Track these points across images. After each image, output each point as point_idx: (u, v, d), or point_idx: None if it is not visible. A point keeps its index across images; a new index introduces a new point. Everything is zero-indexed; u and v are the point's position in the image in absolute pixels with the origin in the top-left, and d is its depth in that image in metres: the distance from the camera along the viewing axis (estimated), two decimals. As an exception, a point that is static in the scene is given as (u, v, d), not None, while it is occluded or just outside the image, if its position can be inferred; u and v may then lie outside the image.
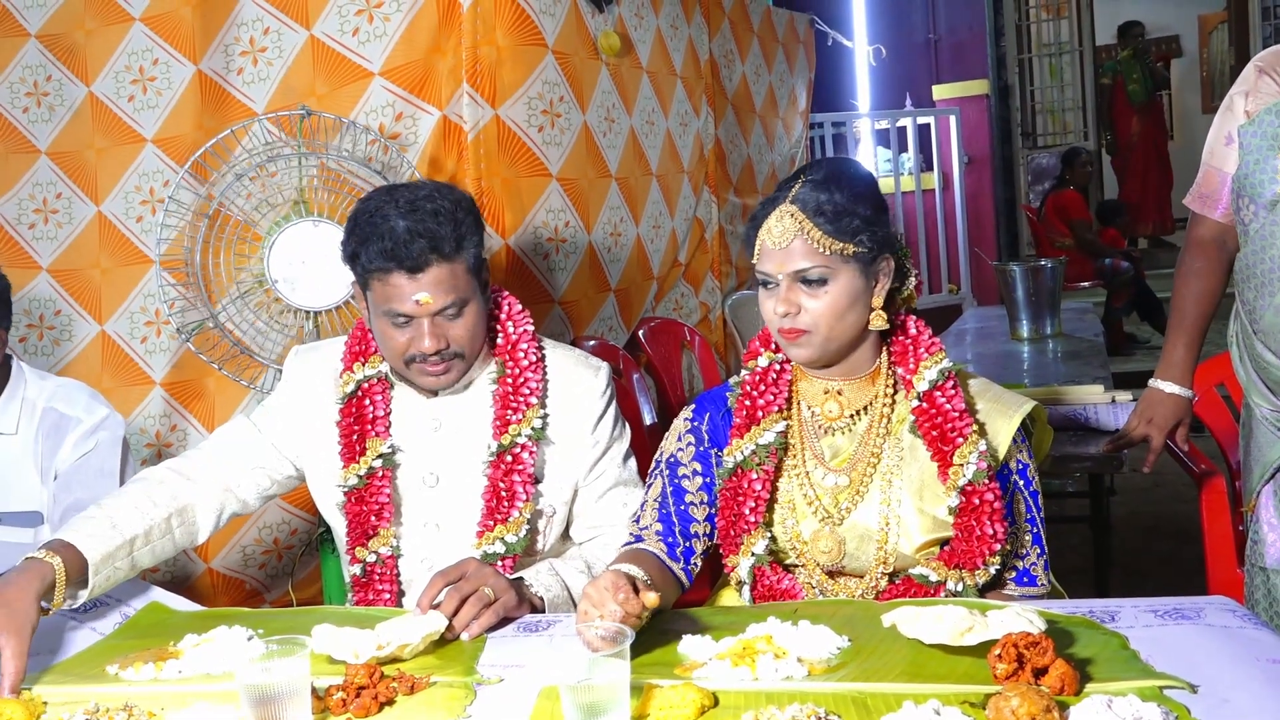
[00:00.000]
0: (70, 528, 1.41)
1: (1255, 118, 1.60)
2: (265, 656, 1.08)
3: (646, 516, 1.47)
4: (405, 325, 1.48)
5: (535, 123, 2.64)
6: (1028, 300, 3.48)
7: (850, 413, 1.43)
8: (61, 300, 2.76)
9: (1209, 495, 1.99)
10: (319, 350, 1.67)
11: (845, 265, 1.35)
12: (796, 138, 4.54)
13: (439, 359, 1.49)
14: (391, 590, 1.54)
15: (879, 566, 1.40)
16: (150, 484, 1.54)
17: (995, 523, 1.33)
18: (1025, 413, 1.41)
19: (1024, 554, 1.42)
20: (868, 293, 1.38)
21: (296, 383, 1.65)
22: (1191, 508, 2.19)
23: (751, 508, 1.41)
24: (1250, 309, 1.67)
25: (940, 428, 1.37)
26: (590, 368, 1.63)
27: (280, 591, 2.69)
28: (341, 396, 1.57)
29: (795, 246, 1.34)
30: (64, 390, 1.87)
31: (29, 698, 1.19)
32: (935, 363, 1.40)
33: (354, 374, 1.58)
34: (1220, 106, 1.70)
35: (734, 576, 1.43)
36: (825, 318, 1.35)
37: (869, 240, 1.36)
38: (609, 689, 1.01)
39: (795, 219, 1.34)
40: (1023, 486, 1.42)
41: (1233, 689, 1.02)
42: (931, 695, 1.03)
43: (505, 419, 1.53)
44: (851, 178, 1.40)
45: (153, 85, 2.67)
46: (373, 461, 1.54)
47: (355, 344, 1.60)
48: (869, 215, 1.36)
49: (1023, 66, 7.58)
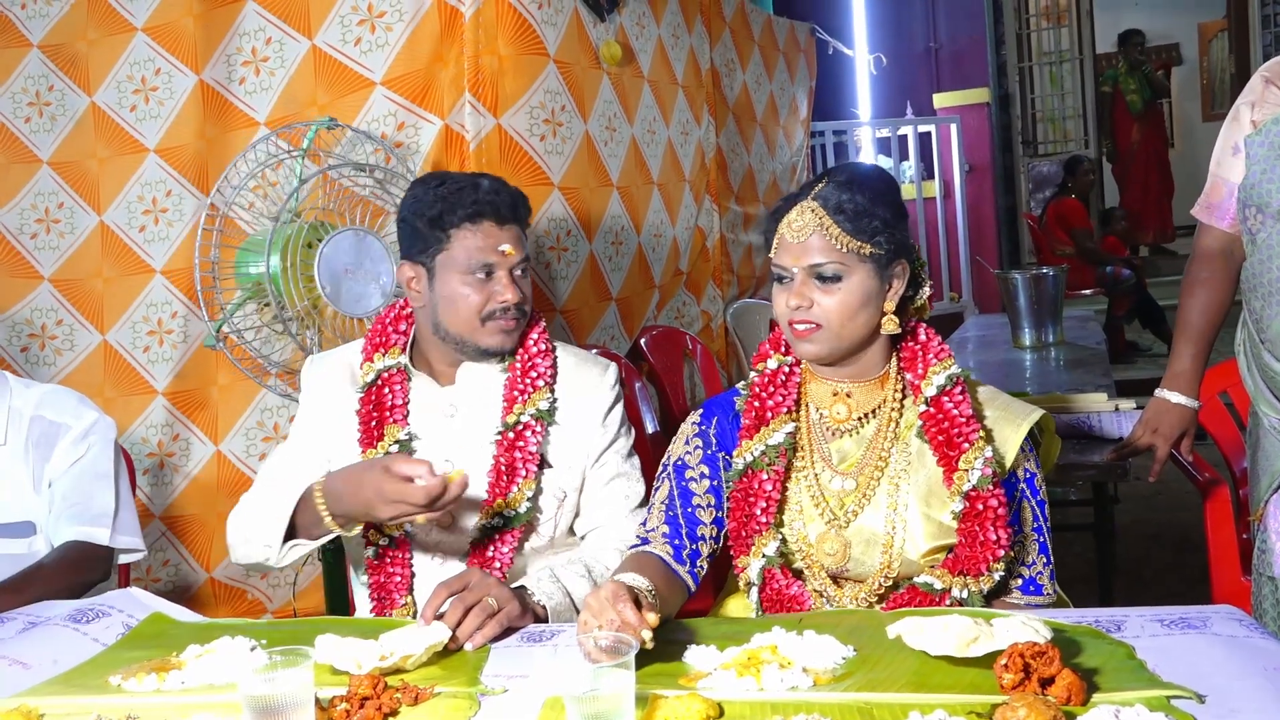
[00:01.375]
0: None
1: (1262, 127, 1.60)
2: (268, 667, 1.08)
3: (653, 519, 1.48)
4: (485, 280, 1.55)
5: (537, 132, 2.64)
6: (1030, 308, 3.48)
7: (858, 416, 1.43)
8: (63, 310, 2.76)
9: (1213, 504, 1.99)
10: (332, 355, 1.71)
11: (861, 264, 1.36)
12: (798, 146, 4.54)
13: (514, 313, 1.57)
14: (404, 573, 1.58)
15: (883, 571, 1.39)
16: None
17: (999, 529, 1.33)
18: (1034, 421, 1.41)
19: (1030, 563, 1.41)
20: (880, 294, 1.39)
21: (316, 388, 1.69)
22: (1195, 516, 2.18)
23: (763, 508, 1.41)
24: (1257, 318, 1.66)
25: (947, 433, 1.37)
26: (599, 365, 1.70)
27: (282, 602, 2.69)
28: (362, 385, 1.63)
29: (813, 242, 1.36)
30: (50, 396, 1.84)
31: (26, 709, 1.18)
32: (944, 368, 1.40)
33: (374, 364, 1.63)
34: (1227, 117, 1.70)
35: (744, 577, 1.43)
36: (837, 314, 1.36)
37: (886, 242, 1.37)
38: (614, 699, 1.01)
39: (815, 214, 1.36)
40: (1030, 495, 1.42)
41: (1241, 699, 1.02)
42: (938, 706, 1.03)
43: (513, 399, 1.60)
44: (875, 181, 1.41)
45: (155, 95, 2.68)
46: (390, 446, 1.58)
47: (376, 336, 1.66)
48: (888, 218, 1.37)
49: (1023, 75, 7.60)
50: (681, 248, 3.43)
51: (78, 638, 1.41)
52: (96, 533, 1.76)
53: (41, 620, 1.48)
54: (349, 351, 1.70)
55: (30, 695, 1.23)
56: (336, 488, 1.43)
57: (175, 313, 2.67)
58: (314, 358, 1.71)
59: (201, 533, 2.69)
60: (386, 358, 1.62)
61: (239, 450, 2.65)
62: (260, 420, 2.64)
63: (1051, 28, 7.97)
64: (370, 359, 1.63)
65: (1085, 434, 2.20)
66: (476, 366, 1.63)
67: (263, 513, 1.52)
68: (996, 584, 1.36)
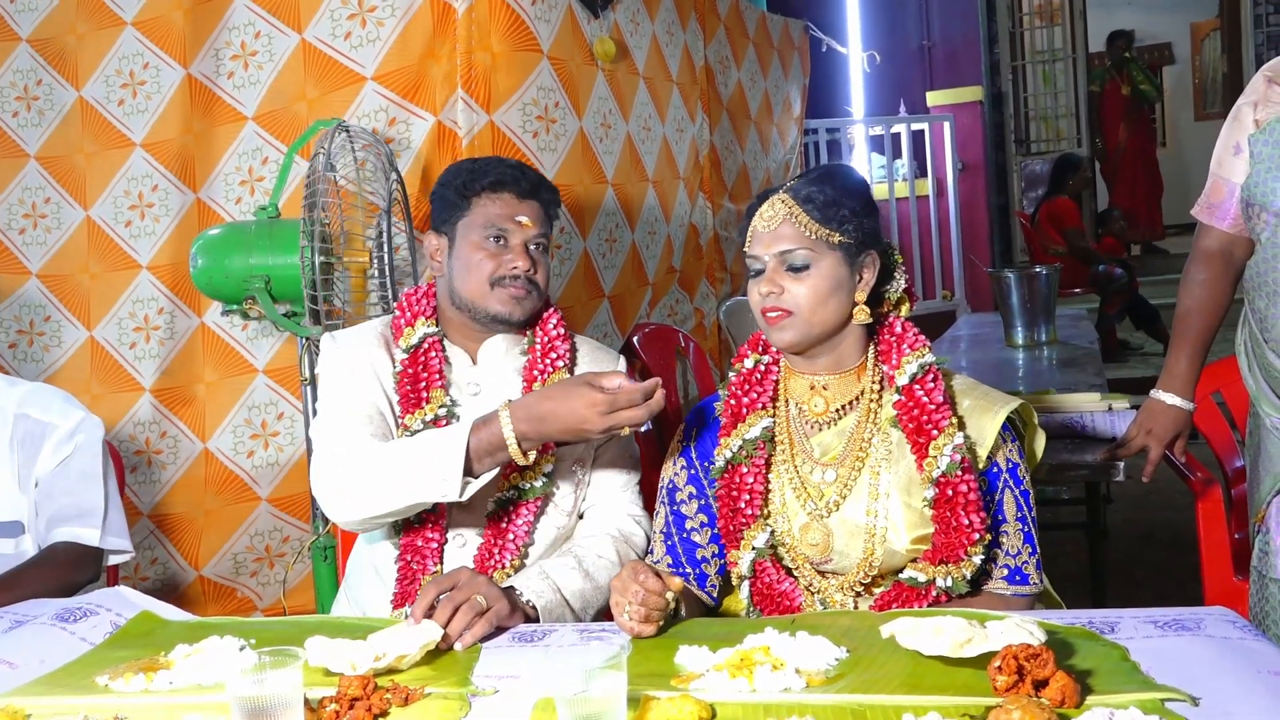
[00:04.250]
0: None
1: (1266, 126, 1.60)
2: (257, 668, 1.07)
3: (656, 549, 1.54)
4: (499, 247, 1.60)
5: (530, 128, 2.63)
6: (1022, 307, 3.48)
7: (836, 408, 1.45)
8: (51, 306, 2.74)
9: (1206, 504, 1.99)
10: (350, 333, 1.71)
11: (830, 252, 1.41)
12: (791, 144, 4.54)
13: (524, 282, 1.60)
14: (439, 540, 1.58)
15: (867, 560, 1.41)
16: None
17: (971, 513, 1.35)
18: (1011, 408, 1.43)
19: (1015, 553, 1.42)
20: (850, 284, 1.43)
21: (348, 352, 1.65)
22: (1186, 516, 2.18)
23: (747, 500, 1.45)
24: (1261, 317, 1.66)
25: (917, 420, 1.40)
26: (610, 353, 1.78)
27: (272, 600, 2.68)
28: (407, 347, 1.63)
29: (783, 230, 1.41)
30: (35, 395, 1.80)
31: (12, 710, 1.17)
32: (917, 357, 1.43)
33: (416, 329, 1.65)
34: (1227, 117, 1.69)
35: (735, 571, 1.46)
36: (807, 300, 1.40)
37: (854, 231, 1.41)
38: (605, 700, 1.00)
39: (786, 204, 1.42)
40: (1013, 485, 1.43)
41: (1235, 701, 1.01)
42: (931, 708, 1.02)
43: (533, 379, 1.64)
44: (844, 177, 1.47)
45: (142, 89, 2.66)
46: (437, 410, 1.59)
47: (413, 305, 1.68)
48: (856, 208, 1.43)
49: (1016, 73, 7.61)
50: (675, 245, 3.42)
51: (65, 637, 1.40)
52: (86, 533, 1.74)
53: (28, 619, 1.46)
54: (370, 326, 1.71)
55: (16, 695, 1.22)
56: (538, 411, 1.41)
57: (161, 309, 2.65)
58: (333, 334, 1.70)
59: (189, 530, 2.68)
60: (428, 325, 1.65)
61: (226, 448, 2.63)
62: (248, 418, 2.63)
63: (1045, 26, 7.99)
64: (412, 324, 1.65)
65: (1078, 434, 2.20)
66: (498, 347, 1.66)
67: (411, 457, 1.46)
68: (979, 571, 1.38)
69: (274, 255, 2.29)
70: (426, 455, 1.45)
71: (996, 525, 1.40)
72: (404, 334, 1.65)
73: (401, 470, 1.46)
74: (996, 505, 1.41)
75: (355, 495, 1.48)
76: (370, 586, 1.64)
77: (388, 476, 1.47)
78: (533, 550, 1.60)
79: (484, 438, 1.43)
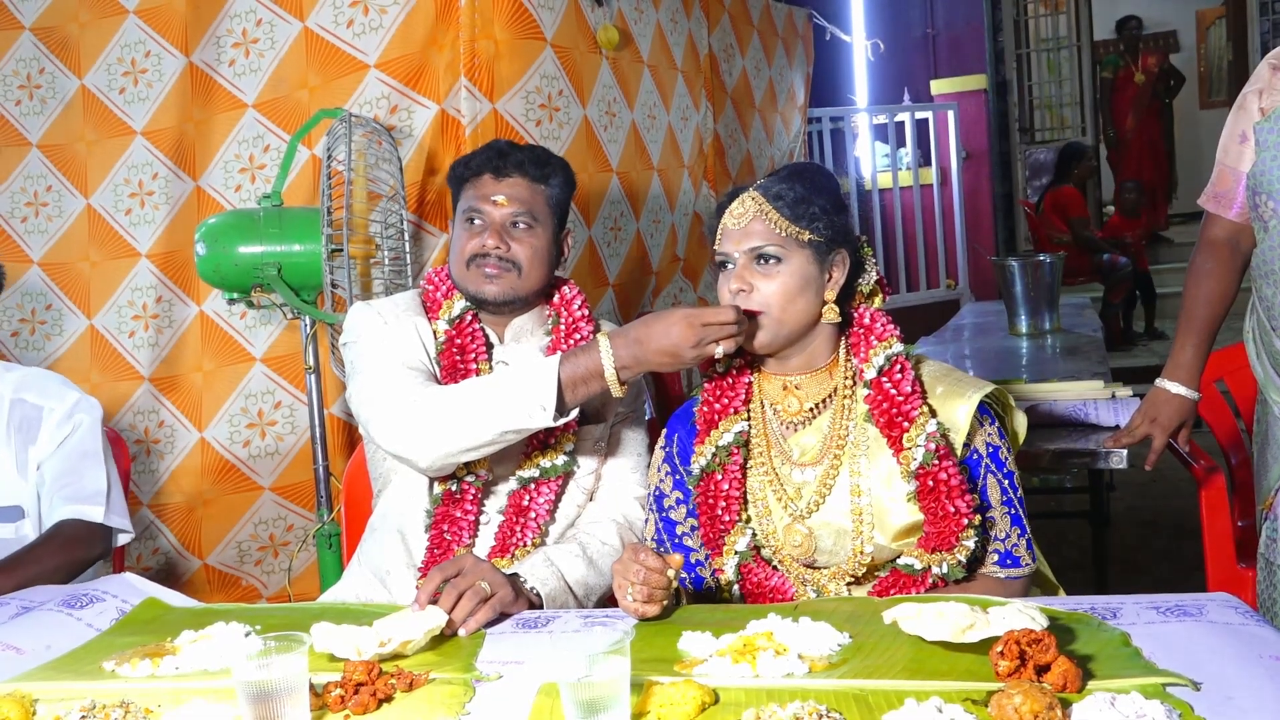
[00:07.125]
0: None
1: (1271, 114, 1.59)
2: (263, 653, 1.07)
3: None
4: (478, 229, 1.63)
5: (533, 117, 2.62)
6: (1026, 295, 3.47)
7: (809, 406, 1.45)
8: (52, 294, 2.75)
9: (1209, 492, 1.98)
10: (385, 300, 1.72)
11: (800, 250, 1.40)
12: (795, 132, 4.53)
13: (497, 261, 1.61)
14: (475, 513, 1.59)
15: (856, 556, 1.41)
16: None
17: (956, 499, 1.35)
18: (985, 393, 1.43)
19: (1004, 536, 1.42)
20: (820, 282, 1.42)
21: (384, 316, 1.66)
22: (1189, 503, 2.18)
23: (724, 506, 1.44)
24: (1268, 305, 1.65)
25: (888, 413, 1.40)
26: None
27: (277, 588, 2.68)
28: (450, 318, 1.66)
29: (753, 227, 1.41)
30: (30, 379, 1.81)
31: (19, 695, 1.17)
32: (884, 349, 1.43)
33: (455, 302, 1.67)
34: (1233, 106, 1.69)
35: (723, 578, 1.46)
36: (777, 298, 1.39)
37: (824, 229, 1.41)
38: (609, 685, 1.00)
39: (756, 202, 1.42)
40: (995, 468, 1.43)
41: (1236, 686, 1.02)
42: (934, 692, 1.02)
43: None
44: (813, 176, 1.46)
45: (144, 77, 2.66)
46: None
47: (442, 281, 1.70)
48: (826, 206, 1.42)
49: (1020, 61, 7.57)
50: (679, 234, 3.42)
51: (71, 623, 1.41)
52: (90, 510, 1.74)
53: (35, 605, 1.47)
54: (404, 296, 1.73)
55: (23, 680, 1.23)
56: (635, 334, 1.43)
57: (160, 297, 2.66)
58: (363, 303, 1.71)
59: (189, 520, 2.68)
60: (461, 300, 1.67)
61: (222, 437, 2.63)
62: (244, 407, 2.63)
63: (1049, 14, 7.93)
64: (449, 297, 1.68)
65: (1082, 422, 2.19)
66: (523, 326, 1.68)
67: (499, 388, 1.47)
68: (975, 554, 1.38)
69: (286, 243, 2.29)
70: (516, 385, 1.46)
71: (983, 511, 1.40)
72: (443, 306, 1.67)
73: (491, 401, 1.47)
74: (980, 491, 1.41)
75: (443, 431, 1.48)
76: (392, 548, 1.62)
77: (476, 409, 1.48)
78: (553, 529, 1.61)
79: (578, 365, 1.45)
